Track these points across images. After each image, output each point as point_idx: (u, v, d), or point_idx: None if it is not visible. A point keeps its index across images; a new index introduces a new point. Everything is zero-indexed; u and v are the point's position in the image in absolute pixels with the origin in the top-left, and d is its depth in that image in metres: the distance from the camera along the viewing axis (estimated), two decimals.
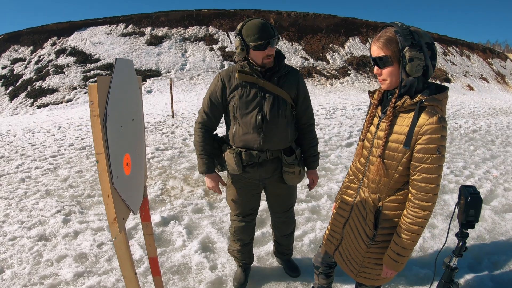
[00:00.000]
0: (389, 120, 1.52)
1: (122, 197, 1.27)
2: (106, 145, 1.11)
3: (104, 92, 1.11)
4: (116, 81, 1.19)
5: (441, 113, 1.44)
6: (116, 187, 1.20)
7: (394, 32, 1.44)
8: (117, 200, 1.23)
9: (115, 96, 1.19)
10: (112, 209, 1.21)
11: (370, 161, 1.65)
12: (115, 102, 1.18)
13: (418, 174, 1.47)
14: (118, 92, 1.21)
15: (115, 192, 1.20)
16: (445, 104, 1.48)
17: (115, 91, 1.18)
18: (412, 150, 1.47)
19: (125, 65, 1.31)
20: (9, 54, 21.13)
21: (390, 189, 1.60)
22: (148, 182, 4.83)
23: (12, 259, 2.99)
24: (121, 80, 1.25)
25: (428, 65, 1.44)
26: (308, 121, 2.30)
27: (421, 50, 1.40)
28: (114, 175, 1.18)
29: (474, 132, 8.64)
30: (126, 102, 1.31)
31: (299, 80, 2.20)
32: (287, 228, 2.59)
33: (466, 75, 24.92)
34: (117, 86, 1.21)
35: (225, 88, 2.14)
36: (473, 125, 9.70)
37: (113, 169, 1.16)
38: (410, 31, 1.41)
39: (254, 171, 2.23)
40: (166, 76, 17.71)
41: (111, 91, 1.15)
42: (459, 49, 28.54)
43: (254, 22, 1.99)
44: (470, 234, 3.38)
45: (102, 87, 1.10)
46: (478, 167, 5.64)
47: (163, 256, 2.99)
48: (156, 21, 22.28)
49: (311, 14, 24.46)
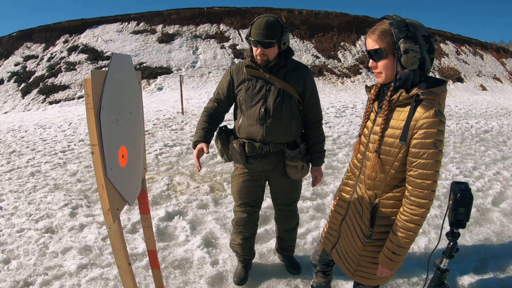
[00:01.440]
0: (385, 115, 1.49)
1: (117, 188, 1.28)
2: (100, 136, 1.12)
3: (98, 85, 1.12)
4: (111, 74, 1.20)
5: (438, 107, 1.40)
6: (110, 178, 1.21)
7: (389, 24, 1.41)
8: (111, 191, 1.24)
9: (111, 90, 1.20)
10: (106, 199, 1.22)
11: (366, 157, 1.62)
12: (110, 95, 1.19)
13: (414, 169, 1.43)
14: (114, 86, 1.22)
15: (109, 183, 1.21)
16: (443, 98, 1.44)
17: (110, 84, 1.19)
18: (409, 145, 1.43)
19: (123, 60, 1.32)
20: (22, 51, 21.49)
21: (387, 185, 1.56)
22: (155, 177, 4.87)
23: (18, 250, 3.06)
24: (118, 74, 1.26)
25: (425, 58, 1.40)
26: (314, 117, 2.31)
27: (417, 42, 1.36)
28: (108, 166, 1.19)
29: (485, 133, 8.49)
30: (123, 96, 1.32)
31: (306, 75, 2.21)
32: (289, 222, 2.59)
33: (479, 75, 24.51)
34: (113, 80, 1.22)
35: (232, 81, 2.23)
36: (484, 125, 9.53)
37: (107, 160, 1.17)
38: (405, 23, 1.38)
39: (256, 163, 2.27)
40: (176, 74, 17.81)
41: (106, 85, 1.16)
42: (472, 49, 28.08)
43: (263, 19, 2.04)
44: (477, 236, 3.36)
45: (97, 81, 1.11)
46: (488, 168, 5.54)
47: (165, 250, 3.01)
48: (167, 18, 22.42)
49: (323, 12, 24.33)
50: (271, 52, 2.08)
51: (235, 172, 2.44)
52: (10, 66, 20.33)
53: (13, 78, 18.98)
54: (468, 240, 3.28)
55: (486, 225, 3.59)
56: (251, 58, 2.17)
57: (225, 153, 2.39)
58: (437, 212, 3.79)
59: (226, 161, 2.43)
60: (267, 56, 2.09)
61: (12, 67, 20.23)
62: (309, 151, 2.36)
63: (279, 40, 2.06)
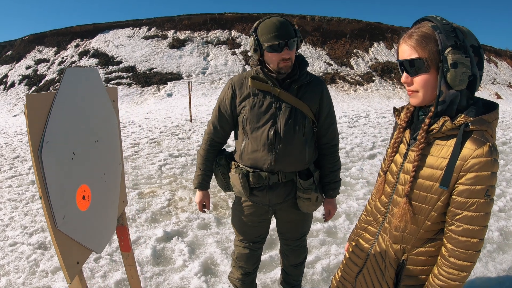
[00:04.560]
0: (421, 149, 1.16)
1: (75, 238, 1.01)
2: (44, 181, 0.85)
3: (39, 114, 0.86)
4: (63, 97, 0.93)
5: (491, 140, 1.07)
6: (62, 229, 0.94)
7: (432, 28, 1.07)
8: (66, 243, 0.98)
9: (62, 116, 0.93)
10: (59, 255, 0.96)
11: (393, 202, 1.28)
12: (61, 124, 0.92)
13: (457, 224, 1.10)
14: (67, 111, 0.96)
15: (62, 235, 0.95)
16: (495, 127, 1.12)
17: (61, 110, 0.92)
18: (452, 191, 1.10)
19: (83, 76, 1.04)
20: (33, 55, 21.71)
21: (419, 239, 1.23)
22: (157, 191, 4.63)
23: (9, 266, 2.96)
24: (74, 94, 0.99)
25: (476, 75, 1.07)
26: (330, 141, 1.96)
27: (467, 53, 1.03)
28: (59, 215, 0.93)
29: (503, 145, 7.93)
30: (84, 121, 1.05)
31: (323, 91, 1.86)
32: (296, 258, 2.26)
33: (493, 83, 23.80)
34: (66, 103, 0.95)
35: (235, 97, 1.86)
36: (502, 136, 8.92)
37: (56, 209, 0.90)
38: (453, 28, 1.05)
39: (263, 195, 1.91)
40: (187, 80, 17.69)
41: (54, 111, 0.89)
42: (486, 56, 27.30)
43: (272, 20, 1.71)
44: (501, 265, 2.95)
45: (36, 108, 0.84)
46: (509, 184, 5.12)
47: (160, 276, 2.75)
48: (178, 24, 22.39)
49: (335, 19, 24.04)
50: (293, 55, 1.75)
51: (237, 203, 2.07)
52: (22, 69, 20.54)
53: (24, 81, 19.14)
54: (491, 270, 2.92)
55: (510, 251, 3.22)
56: (261, 66, 1.79)
57: (226, 183, 2.06)
58: None
59: (225, 191, 2.10)
60: (291, 60, 1.74)
61: (23, 70, 20.44)
62: (323, 180, 2.00)
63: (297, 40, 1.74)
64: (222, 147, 2.06)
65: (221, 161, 2.01)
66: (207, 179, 2.04)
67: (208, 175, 2.04)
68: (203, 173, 2.02)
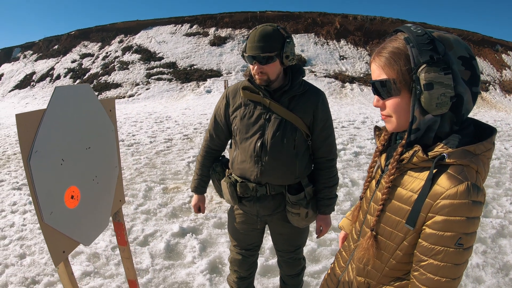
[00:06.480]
0: (390, 180, 1.01)
1: (62, 231, 1.16)
2: (32, 183, 1.00)
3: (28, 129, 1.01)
4: (53, 113, 1.08)
5: (474, 178, 0.89)
6: (49, 222, 1.09)
7: (405, 40, 0.91)
8: (53, 234, 1.13)
9: (52, 129, 1.09)
10: (47, 243, 1.11)
11: (362, 232, 1.16)
12: (50, 135, 1.08)
13: (421, 272, 0.94)
14: (56, 125, 1.11)
15: (49, 228, 1.10)
16: (485, 161, 0.93)
17: (51, 123, 1.08)
18: (419, 232, 0.95)
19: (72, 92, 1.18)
20: (79, 49, 23.04)
21: (385, 276, 1.08)
22: (181, 187, 4.82)
23: (35, 247, 3.24)
24: (64, 110, 1.14)
25: (461, 95, 0.89)
26: (326, 155, 1.87)
27: (448, 69, 0.86)
28: (47, 211, 1.07)
29: None
30: (74, 132, 1.20)
31: (318, 103, 1.77)
32: (291, 269, 2.23)
33: None
34: (55, 119, 1.10)
35: (228, 106, 1.86)
36: None
37: (43, 205, 1.05)
38: (430, 39, 0.88)
39: (251, 206, 1.89)
40: (226, 77, 18.01)
41: (44, 125, 1.04)
42: None
43: (259, 29, 1.68)
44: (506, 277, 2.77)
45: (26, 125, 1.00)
46: None
47: (169, 270, 2.91)
48: (220, 22, 22.82)
49: (378, 18, 23.44)
50: (271, 69, 1.68)
51: (231, 210, 2.10)
52: (67, 63, 21.88)
53: (69, 74, 20.34)
54: None
55: None
56: (249, 78, 1.77)
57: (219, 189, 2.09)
58: (479, 261, 3.06)
59: (221, 197, 2.12)
60: (267, 75, 1.68)
61: (69, 63, 21.76)
62: (317, 195, 1.90)
63: (280, 54, 1.66)
64: (219, 154, 2.11)
65: (217, 167, 2.03)
66: (203, 184, 2.11)
67: (204, 180, 2.11)
68: (199, 178, 2.09)
